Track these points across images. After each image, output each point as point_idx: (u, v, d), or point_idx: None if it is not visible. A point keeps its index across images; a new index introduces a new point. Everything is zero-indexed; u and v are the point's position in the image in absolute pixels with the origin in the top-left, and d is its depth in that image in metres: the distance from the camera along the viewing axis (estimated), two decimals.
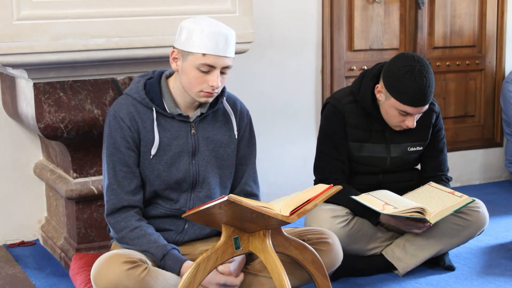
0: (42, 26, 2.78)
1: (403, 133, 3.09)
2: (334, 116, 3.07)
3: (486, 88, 4.64)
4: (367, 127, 3.07)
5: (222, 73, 2.48)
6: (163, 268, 2.45)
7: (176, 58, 2.50)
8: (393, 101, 2.93)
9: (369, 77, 3.04)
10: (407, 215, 2.85)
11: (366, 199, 2.94)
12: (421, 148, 3.15)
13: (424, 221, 2.91)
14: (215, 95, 2.51)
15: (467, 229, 3.08)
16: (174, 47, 2.51)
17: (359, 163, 3.10)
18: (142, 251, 2.47)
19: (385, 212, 2.85)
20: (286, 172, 4.16)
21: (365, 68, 4.06)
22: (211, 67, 2.44)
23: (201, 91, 2.48)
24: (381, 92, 2.99)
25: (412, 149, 3.13)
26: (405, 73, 2.89)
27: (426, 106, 2.96)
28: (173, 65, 2.52)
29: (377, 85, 3.00)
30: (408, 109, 2.92)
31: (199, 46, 2.43)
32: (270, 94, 4.08)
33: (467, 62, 4.56)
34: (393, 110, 2.96)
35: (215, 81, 2.45)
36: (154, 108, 2.54)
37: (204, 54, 2.43)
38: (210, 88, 2.46)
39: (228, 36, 2.46)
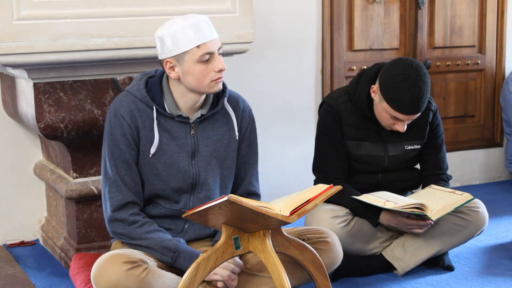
0: (42, 26, 2.78)
1: (399, 132, 3.09)
2: (330, 115, 3.08)
3: (486, 88, 4.64)
4: (363, 126, 3.08)
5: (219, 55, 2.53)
6: (175, 265, 2.47)
7: (172, 66, 2.51)
8: (385, 105, 2.96)
9: (366, 78, 3.05)
10: (408, 210, 2.85)
11: (367, 198, 2.96)
12: (419, 146, 3.16)
13: (425, 218, 2.90)
14: (223, 77, 2.54)
15: (467, 229, 3.08)
16: (165, 60, 2.51)
17: (358, 161, 3.11)
18: (151, 248, 2.48)
19: (386, 207, 2.86)
20: (286, 172, 4.16)
21: (365, 68, 4.06)
22: (210, 54, 2.48)
23: (212, 80, 2.50)
24: (376, 93, 3.01)
25: (409, 147, 3.14)
26: (401, 81, 2.90)
27: (418, 114, 2.99)
28: (173, 75, 2.52)
29: (373, 85, 3.01)
30: (400, 116, 2.96)
31: (190, 41, 2.46)
32: (270, 94, 4.08)
33: (467, 62, 4.56)
34: (385, 113, 2.99)
35: (221, 63, 2.49)
36: (154, 107, 2.54)
37: (198, 46, 2.46)
38: (219, 73, 2.50)
39: (205, 20, 2.51)
